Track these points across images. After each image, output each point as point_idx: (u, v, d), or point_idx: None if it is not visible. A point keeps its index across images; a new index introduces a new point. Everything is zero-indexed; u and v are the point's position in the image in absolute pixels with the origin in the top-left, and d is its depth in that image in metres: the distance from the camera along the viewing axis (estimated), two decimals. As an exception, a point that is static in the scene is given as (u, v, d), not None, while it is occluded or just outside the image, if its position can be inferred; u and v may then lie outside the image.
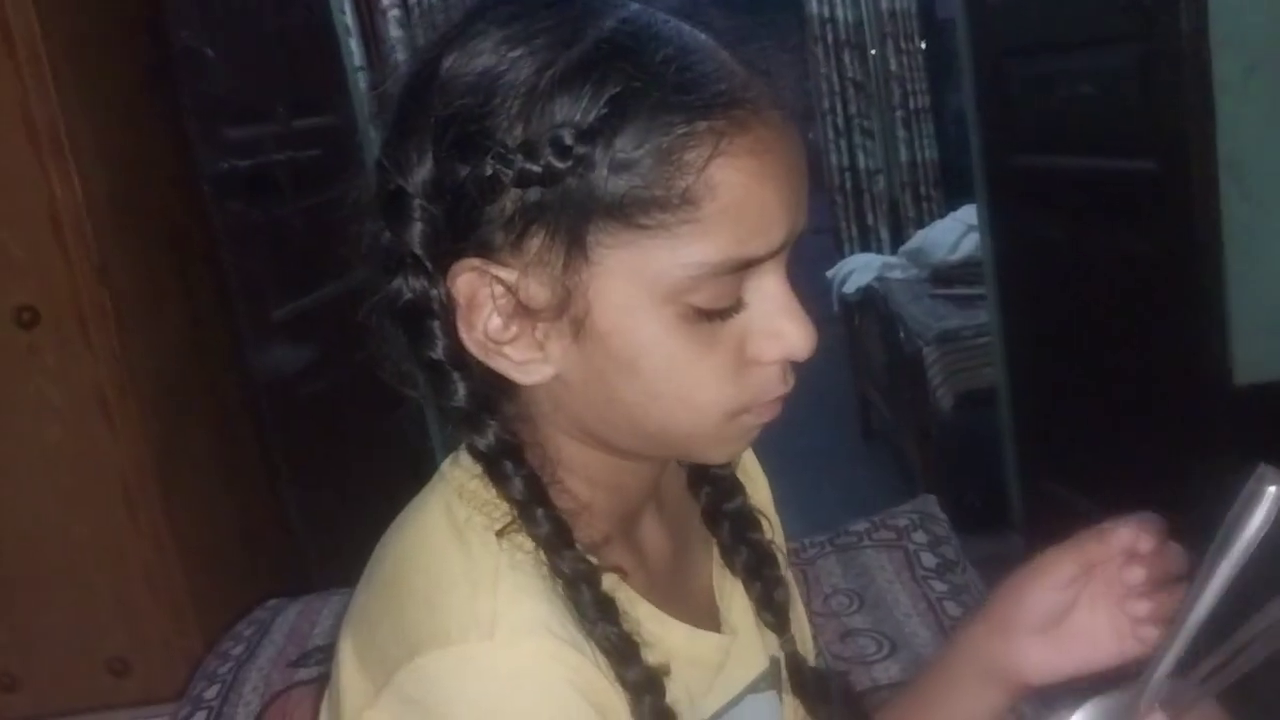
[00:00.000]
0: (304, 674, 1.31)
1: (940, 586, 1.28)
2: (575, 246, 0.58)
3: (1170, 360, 2.30)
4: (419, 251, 0.60)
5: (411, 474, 0.68)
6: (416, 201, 0.59)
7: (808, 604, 1.26)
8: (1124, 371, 2.46)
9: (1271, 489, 0.61)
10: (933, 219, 5.30)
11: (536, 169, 0.56)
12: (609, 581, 0.63)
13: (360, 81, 3.05)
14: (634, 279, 0.58)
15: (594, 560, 0.62)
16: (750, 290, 0.60)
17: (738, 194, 0.57)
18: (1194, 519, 0.74)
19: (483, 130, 0.57)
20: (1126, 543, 0.72)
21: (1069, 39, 2.41)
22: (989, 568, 1.63)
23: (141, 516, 1.86)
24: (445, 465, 0.67)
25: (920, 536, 1.37)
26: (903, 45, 5.75)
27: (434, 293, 0.60)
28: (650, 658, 0.63)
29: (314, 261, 2.01)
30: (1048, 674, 0.76)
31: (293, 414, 2.26)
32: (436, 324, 0.61)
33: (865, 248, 5.68)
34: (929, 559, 1.32)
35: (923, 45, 5.74)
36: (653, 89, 0.57)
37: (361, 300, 0.64)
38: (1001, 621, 0.76)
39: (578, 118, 0.56)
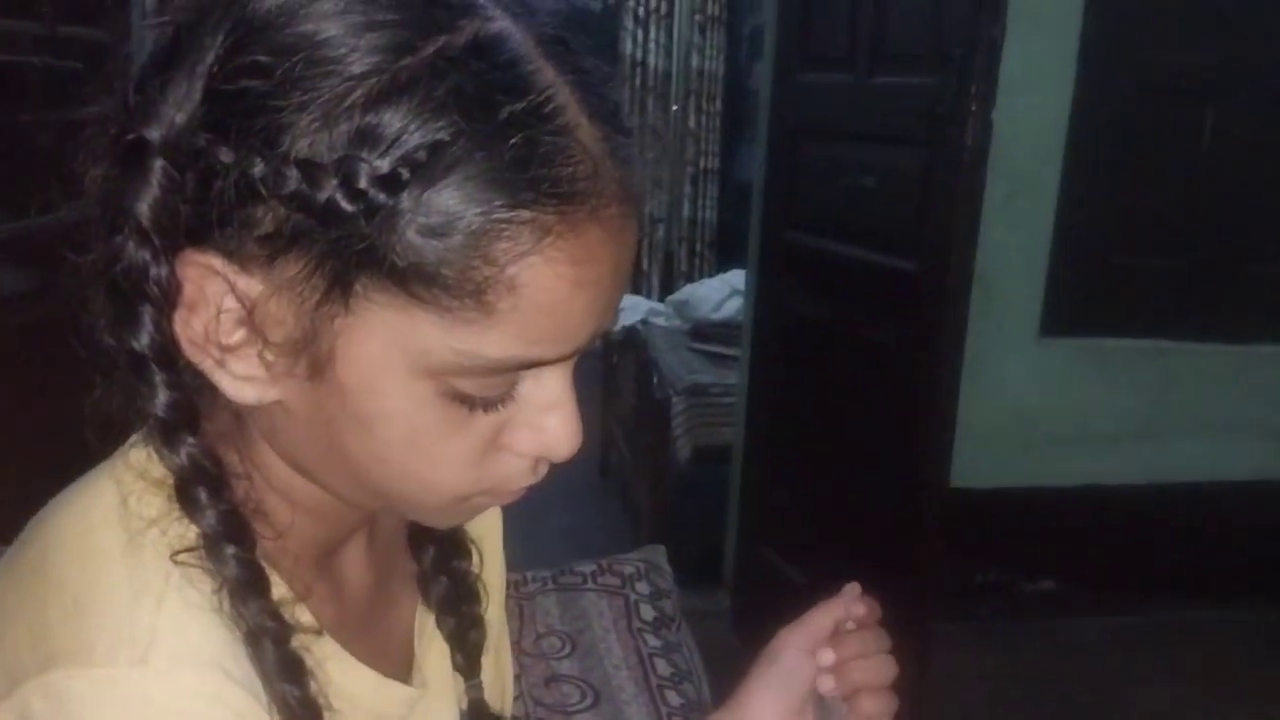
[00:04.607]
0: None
1: (654, 642, 1.27)
2: (336, 291, 0.48)
3: (895, 453, 2.42)
4: (145, 224, 0.49)
5: (116, 438, 0.58)
6: (158, 163, 0.48)
7: (517, 640, 1.23)
8: (852, 454, 2.57)
9: None
10: (703, 276, 5.43)
11: (315, 199, 0.46)
12: (301, 638, 0.55)
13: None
14: (394, 344, 0.49)
15: (286, 618, 0.54)
16: (525, 379, 0.52)
17: (542, 300, 0.48)
18: (897, 606, 0.78)
19: (269, 120, 0.46)
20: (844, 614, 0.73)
21: (862, 131, 2.51)
22: (694, 622, 1.66)
23: None
24: (131, 448, 0.56)
25: (643, 587, 1.36)
26: (704, 106, 5.88)
27: (155, 272, 0.50)
28: None
29: (51, 182, 1.81)
30: None
31: (-6, 343, 2.04)
32: (148, 310, 0.50)
33: (635, 291, 5.76)
34: (648, 611, 1.32)
35: (720, 110, 5.89)
36: (482, 152, 0.46)
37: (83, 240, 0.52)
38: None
39: (383, 156, 0.46)
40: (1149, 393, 3.03)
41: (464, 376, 0.50)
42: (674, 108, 5.91)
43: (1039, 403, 2.94)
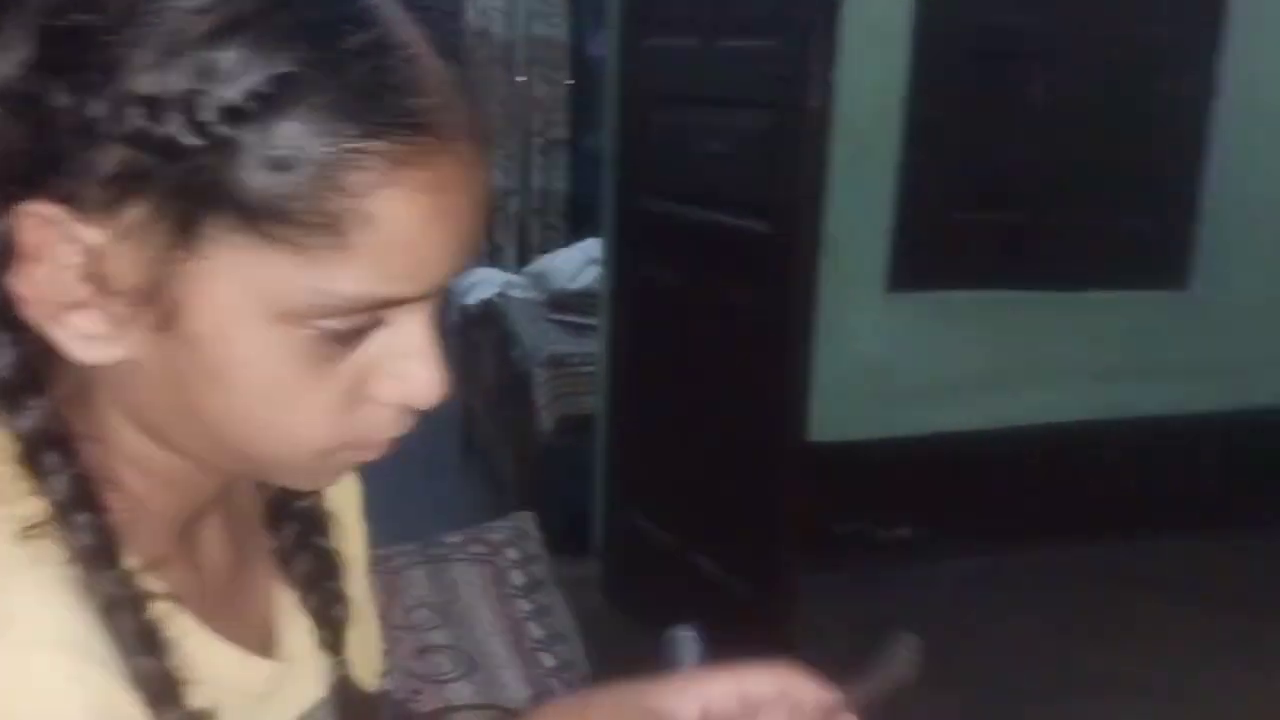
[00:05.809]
0: None
1: (526, 606, 1.27)
2: (183, 234, 0.46)
3: (756, 412, 2.47)
4: None
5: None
6: None
7: (386, 615, 1.21)
8: (713, 416, 2.62)
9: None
10: (556, 247, 5.42)
11: (156, 135, 0.45)
12: (158, 607, 0.53)
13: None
14: (247, 288, 0.48)
15: (142, 586, 0.52)
16: (385, 325, 0.52)
17: (398, 232, 0.48)
18: (761, 560, 0.79)
19: (105, 56, 0.45)
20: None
21: (709, 96, 2.54)
22: (565, 590, 1.67)
23: None
24: None
25: (513, 553, 1.37)
26: (551, 76, 5.85)
27: None
28: (193, 699, 0.53)
29: None
30: None
31: None
32: None
33: (492, 264, 5.71)
34: (518, 577, 1.32)
35: (569, 81, 5.87)
36: (332, 83, 0.46)
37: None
38: None
39: (228, 88, 0.45)
40: (991, 342, 3.17)
41: (320, 318, 0.49)
42: (520, 79, 5.85)
43: (888, 356, 3.04)
